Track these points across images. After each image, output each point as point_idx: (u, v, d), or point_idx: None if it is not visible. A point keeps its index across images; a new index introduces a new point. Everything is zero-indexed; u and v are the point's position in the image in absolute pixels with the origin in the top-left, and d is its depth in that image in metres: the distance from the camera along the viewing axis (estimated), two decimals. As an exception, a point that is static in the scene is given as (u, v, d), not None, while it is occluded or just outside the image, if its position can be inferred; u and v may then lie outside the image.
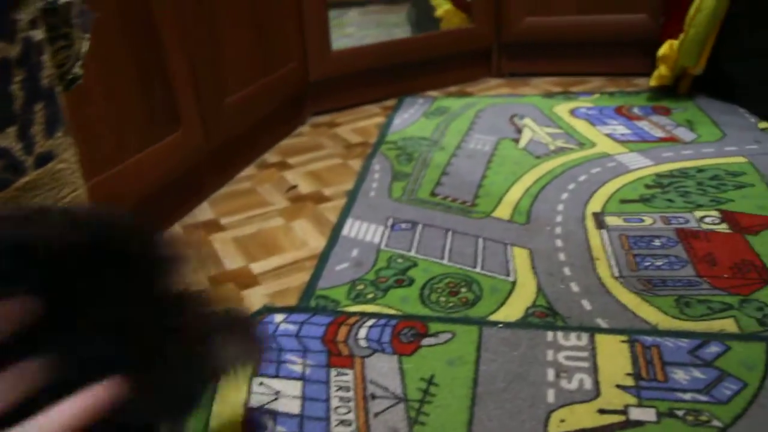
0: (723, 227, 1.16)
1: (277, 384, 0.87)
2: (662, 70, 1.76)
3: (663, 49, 1.73)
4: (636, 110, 1.74)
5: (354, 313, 0.99)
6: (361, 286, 1.06)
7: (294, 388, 0.86)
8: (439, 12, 2.25)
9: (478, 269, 1.09)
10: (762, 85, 1.60)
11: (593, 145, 1.55)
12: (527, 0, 2.00)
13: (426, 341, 0.92)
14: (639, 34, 1.91)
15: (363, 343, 0.93)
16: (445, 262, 1.12)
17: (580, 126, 1.67)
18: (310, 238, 1.24)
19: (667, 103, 1.77)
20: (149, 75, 1.22)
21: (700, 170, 1.38)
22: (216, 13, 1.39)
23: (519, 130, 1.66)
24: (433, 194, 1.36)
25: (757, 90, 1.62)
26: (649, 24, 1.89)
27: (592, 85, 1.99)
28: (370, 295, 1.04)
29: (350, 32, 2.51)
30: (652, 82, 1.79)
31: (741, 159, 1.40)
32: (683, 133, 1.57)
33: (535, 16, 2.01)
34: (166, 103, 1.27)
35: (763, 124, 1.56)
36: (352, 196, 1.38)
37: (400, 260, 1.13)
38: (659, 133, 1.59)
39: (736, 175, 1.34)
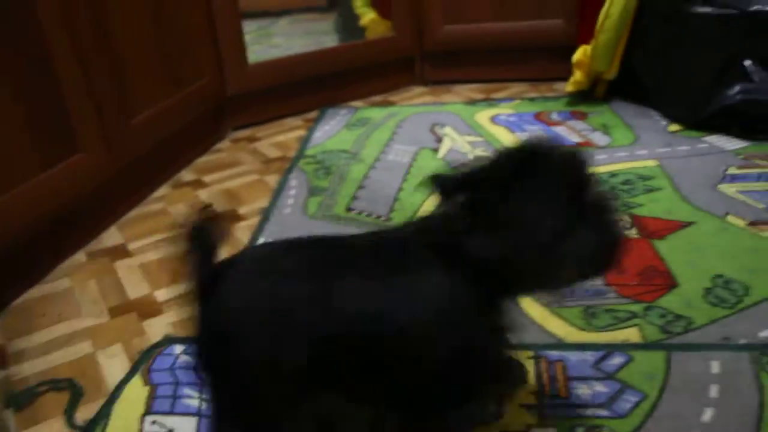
0: (633, 233, 1.17)
1: (171, 421, 0.82)
2: (578, 75, 1.78)
3: (577, 55, 1.75)
4: (554, 115, 1.76)
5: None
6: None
7: (189, 424, 0.82)
8: (363, 21, 2.23)
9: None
10: (669, 87, 1.63)
11: (511, 152, 1.55)
12: (446, 8, 2.00)
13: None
14: (557, 40, 1.93)
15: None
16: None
17: (500, 133, 1.67)
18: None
19: (584, 107, 1.79)
20: (36, 95, 1.15)
21: (613, 175, 1.39)
22: (115, 27, 1.33)
23: (440, 140, 1.65)
24: (348, 209, 1.33)
25: (665, 93, 1.65)
26: (565, 29, 1.91)
27: (513, 90, 2.00)
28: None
29: (277, 42, 2.46)
30: (569, 87, 1.81)
31: (652, 162, 1.43)
32: (598, 138, 1.59)
33: (454, 24, 2.01)
34: (60, 125, 1.20)
35: (672, 127, 1.60)
36: (266, 214, 1.34)
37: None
38: (575, 138, 1.60)
39: (646, 178, 1.36)
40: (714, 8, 1.49)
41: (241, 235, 1.28)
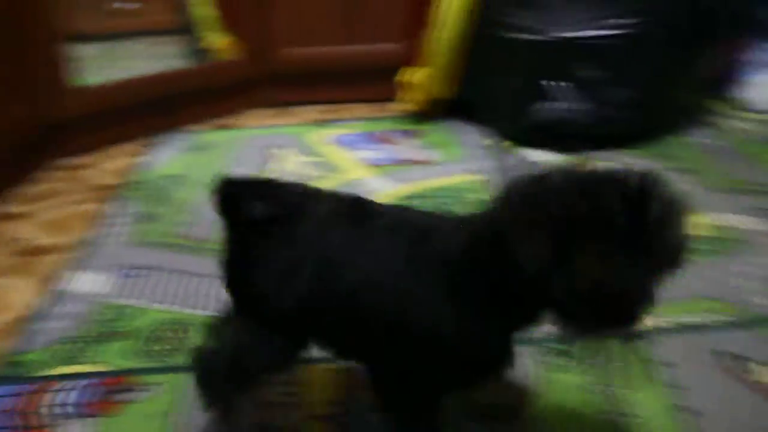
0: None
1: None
2: (415, 95, 1.86)
3: (413, 76, 1.83)
4: (392, 135, 1.82)
5: (56, 377, 0.91)
6: (72, 345, 0.98)
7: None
8: (210, 43, 2.21)
9: (209, 311, 1.05)
10: (493, 106, 1.74)
11: (345, 171, 1.59)
12: (289, 31, 2.02)
13: (130, 397, 0.87)
14: (393, 62, 2.00)
15: (61, 409, 0.85)
16: (175, 308, 1.07)
17: (337, 153, 1.71)
18: (24, 298, 1.13)
19: (421, 126, 1.87)
20: None
21: (439, 190, 1.46)
22: None
23: (276, 161, 1.66)
24: (172, 235, 1.31)
25: (491, 111, 1.76)
26: (403, 52, 1.98)
27: (354, 112, 2.05)
28: (83, 354, 0.96)
29: (124, 66, 2.37)
30: (407, 107, 1.88)
31: (476, 177, 1.51)
32: (431, 155, 1.67)
33: (297, 46, 2.04)
34: None
35: (487, 142, 1.71)
36: (86, 245, 1.29)
37: (123, 311, 1.07)
38: (409, 156, 1.67)
39: (471, 192, 1.43)
40: (522, 34, 1.61)
41: (57, 268, 1.21)
